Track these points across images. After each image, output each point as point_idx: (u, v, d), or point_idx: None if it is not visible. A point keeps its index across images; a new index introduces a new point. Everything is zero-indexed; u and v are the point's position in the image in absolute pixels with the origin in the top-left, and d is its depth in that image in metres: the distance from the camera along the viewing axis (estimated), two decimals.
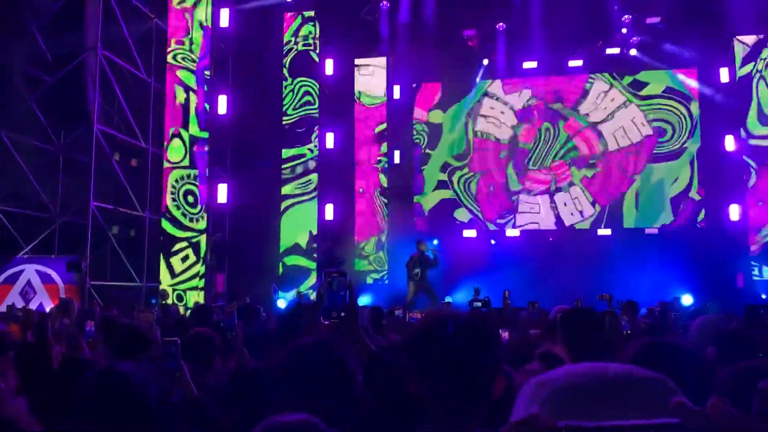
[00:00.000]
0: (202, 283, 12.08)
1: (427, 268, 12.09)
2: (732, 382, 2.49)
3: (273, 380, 1.60)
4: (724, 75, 13.99)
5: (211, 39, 13.24)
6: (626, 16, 14.06)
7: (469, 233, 15.11)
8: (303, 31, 14.36)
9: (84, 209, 10.44)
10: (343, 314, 2.78)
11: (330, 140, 14.23)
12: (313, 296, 11.91)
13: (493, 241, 15.02)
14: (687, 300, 12.04)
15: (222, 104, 12.99)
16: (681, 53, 14.13)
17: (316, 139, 14.12)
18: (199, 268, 12.04)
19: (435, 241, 14.35)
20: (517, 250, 14.40)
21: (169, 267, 11.92)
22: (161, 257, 11.88)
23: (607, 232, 14.55)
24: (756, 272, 13.42)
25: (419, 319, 1.59)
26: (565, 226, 14.88)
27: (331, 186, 14.33)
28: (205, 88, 12.73)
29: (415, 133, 15.75)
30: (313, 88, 14.20)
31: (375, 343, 3.25)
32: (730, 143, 13.81)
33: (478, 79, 15.42)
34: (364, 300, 12.95)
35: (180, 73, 12.56)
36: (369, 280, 14.80)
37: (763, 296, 12.52)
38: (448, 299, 12.50)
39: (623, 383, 0.76)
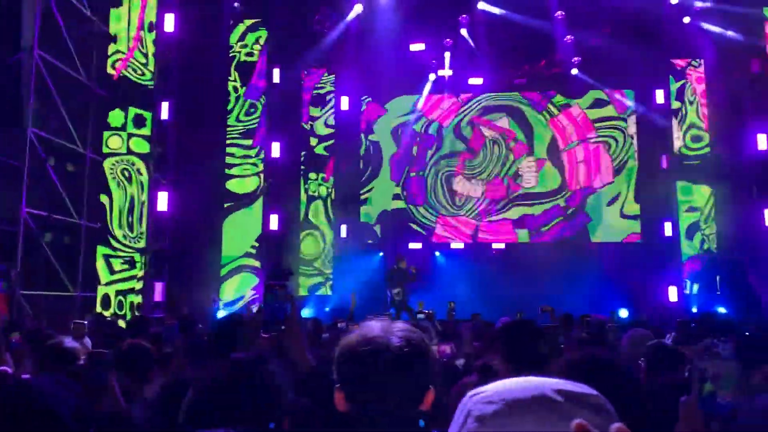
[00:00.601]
0: (139, 298, 11.75)
1: (405, 284, 12.23)
2: (659, 396, 2.57)
3: (202, 395, 1.55)
4: (659, 96, 14.58)
5: (156, 44, 12.98)
6: (568, 37, 14.49)
7: (415, 245, 15.20)
8: (249, 39, 14.26)
9: (15, 216, 10.01)
10: (283, 327, 2.73)
11: (276, 150, 14.10)
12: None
13: (437, 253, 15.15)
14: (624, 313, 12.41)
15: (164, 110, 12.71)
16: (620, 74, 14.63)
17: (262, 150, 14.01)
18: (136, 284, 11.74)
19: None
20: (462, 263, 14.57)
21: (104, 272, 11.62)
22: (96, 260, 11.53)
23: (548, 244, 14.90)
24: (688, 288, 13.99)
25: (352, 334, 1.56)
26: (508, 240, 15.13)
27: (276, 196, 14.20)
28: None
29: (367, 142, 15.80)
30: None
31: (317, 357, 3.21)
32: (665, 162, 14.38)
33: (425, 93, 15.60)
34: (306, 312, 12.85)
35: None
36: (304, 291, 14.70)
37: (694, 309, 13.02)
38: (389, 311, 12.51)
39: (556, 398, 0.75)
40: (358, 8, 14.59)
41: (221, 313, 11.67)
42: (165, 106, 12.85)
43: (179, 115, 12.86)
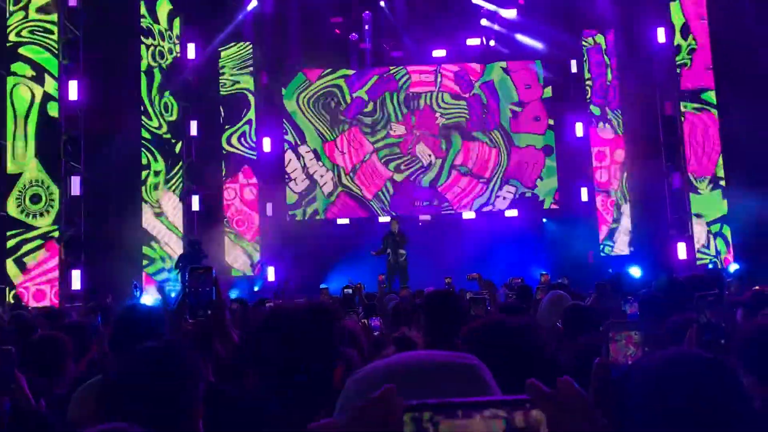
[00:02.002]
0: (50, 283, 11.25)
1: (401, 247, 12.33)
2: (573, 357, 2.68)
3: (112, 387, 1.49)
4: (573, 66, 15.01)
5: (60, 18, 12.23)
6: (486, 6, 14.63)
7: (343, 220, 15.21)
8: (161, 13, 13.67)
9: None
10: (209, 312, 2.69)
11: (194, 128, 13.70)
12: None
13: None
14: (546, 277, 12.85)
15: (73, 90, 12.04)
16: (535, 44, 14.94)
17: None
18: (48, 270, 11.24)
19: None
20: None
21: (20, 263, 11.03)
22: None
23: (472, 215, 15.19)
24: (609, 248, 14.67)
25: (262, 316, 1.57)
26: (435, 211, 15.34)
27: (197, 176, 13.84)
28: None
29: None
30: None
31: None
32: (579, 130, 14.89)
33: (347, 67, 15.47)
34: (234, 293, 12.67)
35: (27, 50, 11.56)
36: (236, 273, 14.48)
37: (610, 270, 13.65)
38: (324, 286, 12.53)
39: (433, 372, 0.77)
40: None
41: (146, 299, 11.31)
42: (73, 86, 12.17)
43: (89, 96, 12.21)
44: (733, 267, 11.98)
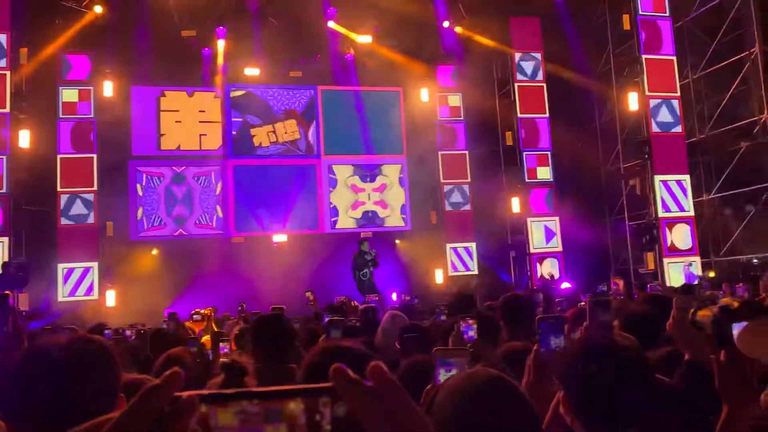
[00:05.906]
0: None
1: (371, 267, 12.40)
2: (408, 374, 2.72)
3: None
4: (424, 95, 15.58)
5: None
6: (341, 31, 14.84)
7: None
8: None
9: None
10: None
11: (25, 139, 12.55)
12: None
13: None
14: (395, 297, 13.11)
15: None
16: (389, 71, 15.34)
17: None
18: None
19: None
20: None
21: None
22: None
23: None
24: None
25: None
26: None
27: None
28: None
29: None
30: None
31: None
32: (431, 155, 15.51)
33: (201, 83, 14.96)
34: None
35: None
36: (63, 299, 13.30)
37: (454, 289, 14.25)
38: (170, 311, 11.85)
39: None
40: None
41: None
42: None
43: None
44: (564, 285, 13.00)
